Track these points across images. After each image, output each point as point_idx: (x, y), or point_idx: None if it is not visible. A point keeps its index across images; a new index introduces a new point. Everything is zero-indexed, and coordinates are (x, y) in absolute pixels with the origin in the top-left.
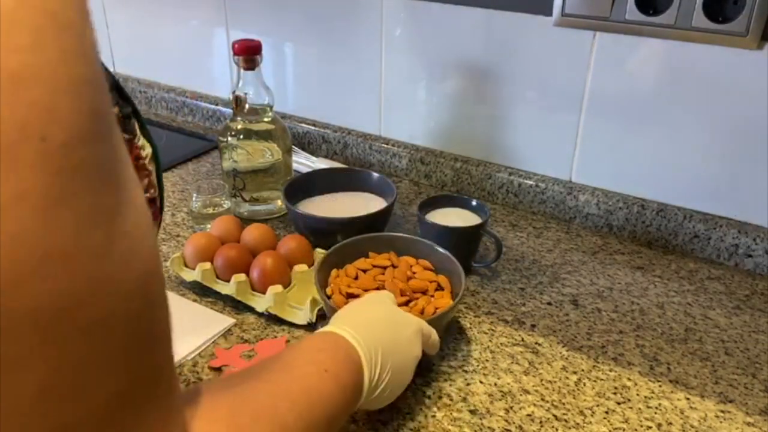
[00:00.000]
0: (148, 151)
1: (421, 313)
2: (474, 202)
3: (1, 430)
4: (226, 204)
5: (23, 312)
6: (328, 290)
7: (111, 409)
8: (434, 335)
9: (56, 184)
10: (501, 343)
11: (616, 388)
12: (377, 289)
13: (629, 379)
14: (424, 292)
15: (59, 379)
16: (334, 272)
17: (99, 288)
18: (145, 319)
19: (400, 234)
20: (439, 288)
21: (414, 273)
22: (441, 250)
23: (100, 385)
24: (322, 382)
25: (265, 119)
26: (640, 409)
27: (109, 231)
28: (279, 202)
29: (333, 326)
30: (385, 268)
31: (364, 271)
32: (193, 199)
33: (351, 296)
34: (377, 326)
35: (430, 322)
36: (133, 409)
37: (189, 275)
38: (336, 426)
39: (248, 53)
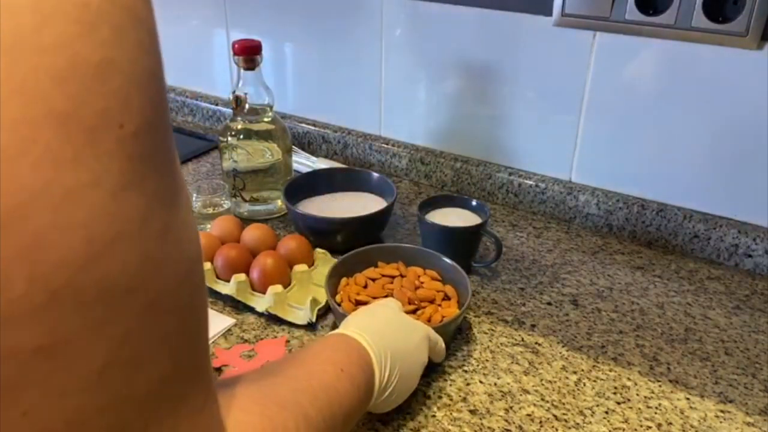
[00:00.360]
0: None
1: (428, 321)
2: (474, 202)
3: (67, 400)
4: (226, 204)
5: (95, 289)
6: (338, 298)
7: (159, 390)
8: (440, 342)
9: (129, 169)
10: (501, 343)
11: (616, 388)
12: (386, 297)
13: (629, 379)
14: (432, 301)
15: (121, 355)
16: (344, 281)
17: (159, 269)
18: (191, 304)
19: (409, 245)
20: (446, 297)
21: (422, 282)
22: (448, 260)
23: (154, 365)
24: (339, 380)
25: (265, 119)
26: (640, 409)
27: (169, 214)
28: (279, 202)
29: (345, 329)
30: (393, 277)
31: (373, 280)
32: (193, 199)
33: (360, 303)
34: (387, 331)
35: (437, 330)
36: (178, 392)
37: None
38: (350, 425)
39: (248, 53)
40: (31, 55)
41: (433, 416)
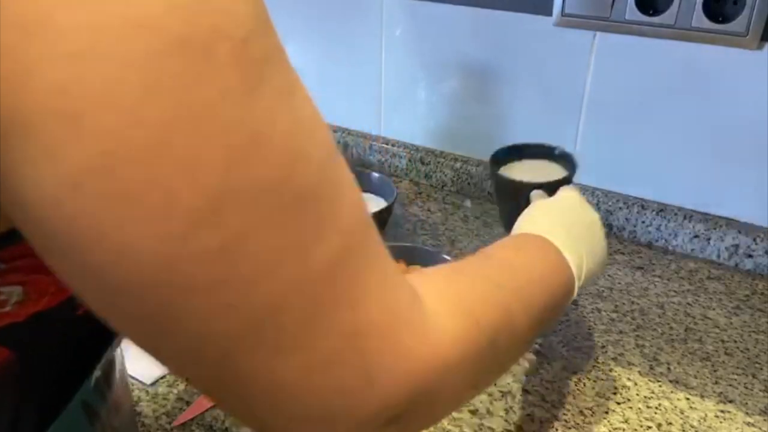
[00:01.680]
0: None
1: None
2: (557, 152)
3: (257, 288)
4: None
5: (245, 190)
6: None
7: (336, 265)
8: None
9: (249, 75)
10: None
11: (616, 388)
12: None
13: (629, 379)
14: None
15: (288, 240)
16: None
17: (299, 159)
18: (340, 186)
19: (409, 244)
20: None
21: None
22: (448, 258)
23: (319, 246)
24: (545, 273)
25: None
26: (640, 409)
27: (292, 108)
28: None
29: (534, 228)
30: None
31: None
32: None
33: None
34: (576, 230)
35: None
36: (356, 263)
37: None
38: (555, 319)
39: None
40: None
41: None
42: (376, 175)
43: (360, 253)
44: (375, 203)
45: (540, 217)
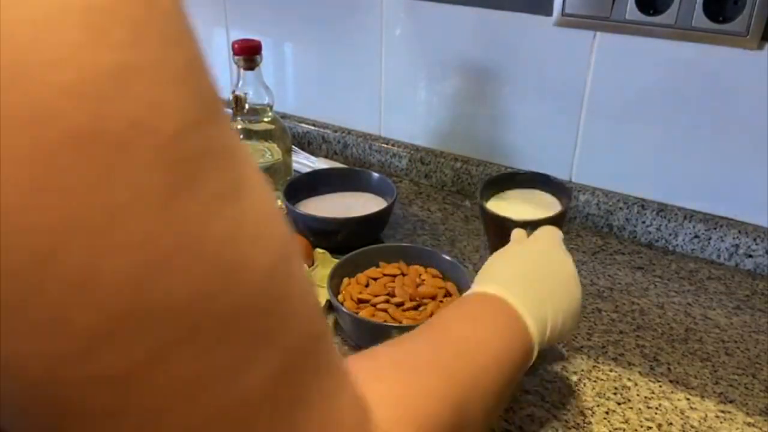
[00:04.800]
0: None
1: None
2: (551, 179)
3: (163, 420)
4: None
5: (159, 309)
6: (340, 297)
7: (275, 389)
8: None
9: (174, 176)
10: None
11: (616, 388)
12: (387, 295)
13: (629, 380)
14: (433, 298)
15: (214, 365)
16: (345, 281)
17: (237, 271)
18: (287, 296)
19: (409, 244)
20: (448, 294)
21: (423, 280)
22: (448, 258)
23: (259, 366)
24: (502, 354)
25: (265, 119)
26: (640, 409)
27: (235, 211)
28: (279, 202)
29: (485, 286)
30: (395, 276)
31: (375, 279)
32: None
33: (362, 302)
34: (535, 277)
35: None
36: (298, 385)
37: None
38: (508, 395)
39: (248, 53)
40: (36, 72)
41: None
42: (376, 175)
43: (304, 369)
44: (375, 203)
45: (502, 272)
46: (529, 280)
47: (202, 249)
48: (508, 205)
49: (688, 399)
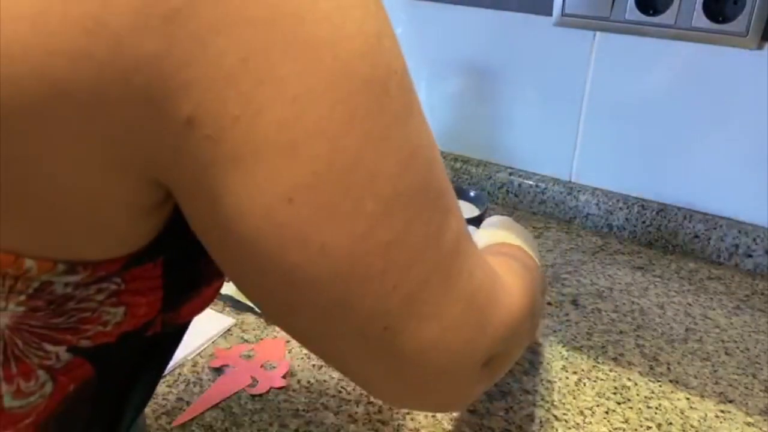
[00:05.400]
0: None
1: None
2: (472, 193)
3: (413, 271)
4: None
5: (406, 194)
6: None
7: (456, 243)
8: None
9: (407, 102)
10: None
11: (616, 388)
12: None
13: (629, 379)
14: None
15: (431, 227)
16: None
17: (433, 167)
18: (449, 183)
19: None
20: None
21: None
22: None
23: (447, 231)
24: (533, 264)
25: None
26: (640, 409)
27: (426, 124)
28: None
29: (507, 238)
30: None
31: None
32: None
33: None
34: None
35: None
36: (465, 240)
37: None
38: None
39: None
40: (342, 44)
41: (433, 416)
42: None
43: (465, 233)
44: None
45: (505, 231)
46: (522, 237)
47: (420, 151)
48: None
49: (688, 399)
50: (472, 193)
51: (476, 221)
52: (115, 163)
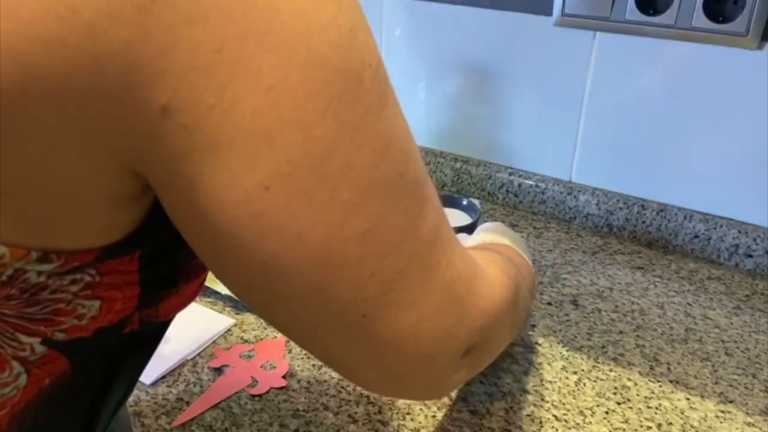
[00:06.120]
0: None
1: None
2: (465, 201)
3: (390, 259)
4: None
5: (382, 183)
6: None
7: (435, 234)
8: None
9: (381, 94)
10: None
11: (616, 388)
12: None
13: (629, 379)
14: None
15: (408, 217)
16: None
17: (410, 158)
18: (428, 177)
19: None
20: None
21: None
22: None
23: (425, 221)
24: (523, 262)
25: None
26: (640, 409)
27: (402, 116)
28: None
29: (501, 239)
30: None
31: None
32: None
33: None
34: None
35: None
36: (444, 232)
37: None
38: (531, 307)
39: None
40: (316, 34)
41: (434, 416)
42: None
43: (443, 223)
44: None
45: (496, 234)
46: (514, 240)
47: (396, 142)
48: None
49: (688, 399)
50: (464, 202)
51: (469, 229)
52: (92, 152)
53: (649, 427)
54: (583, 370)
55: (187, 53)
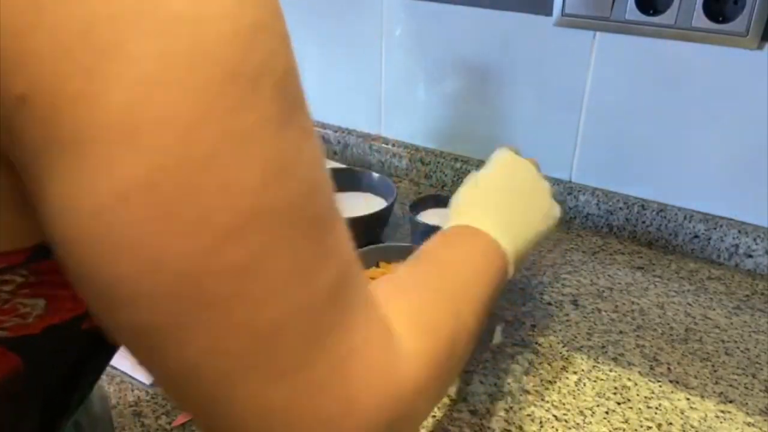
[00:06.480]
0: None
1: None
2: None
3: (262, 311)
4: None
5: (270, 212)
6: None
7: (333, 295)
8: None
9: (284, 109)
10: (501, 343)
11: (616, 388)
12: None
13: (629, 379)
14: None
15: (296, 267)
16: None
17: (314, 191)
18: (337, 214)
19: (410, 244)
20: None
21: None
22: None
23: (323, 273)
24: (481, 267)
25: None
26: (640, 409)
27: (312, 146)
28: None
29: (475, 221)
30: None
31: (375, 279)
32: None
33: None
34: (516, 217)
35: None
36: (346, 294)
37: None
38: (494, 305)
39: None
40: (210, 25)
41: (433, 416)
42: (376, 175)
43: (350, 282)
44: (375, 203)
45: (467, 207)
46: (492, 206)
47: (297, 169)
48: (435, 220)
49: (688, 399)
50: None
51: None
52: None
53: (649, 427)
54: (583, 370)
55: (50, 34)
